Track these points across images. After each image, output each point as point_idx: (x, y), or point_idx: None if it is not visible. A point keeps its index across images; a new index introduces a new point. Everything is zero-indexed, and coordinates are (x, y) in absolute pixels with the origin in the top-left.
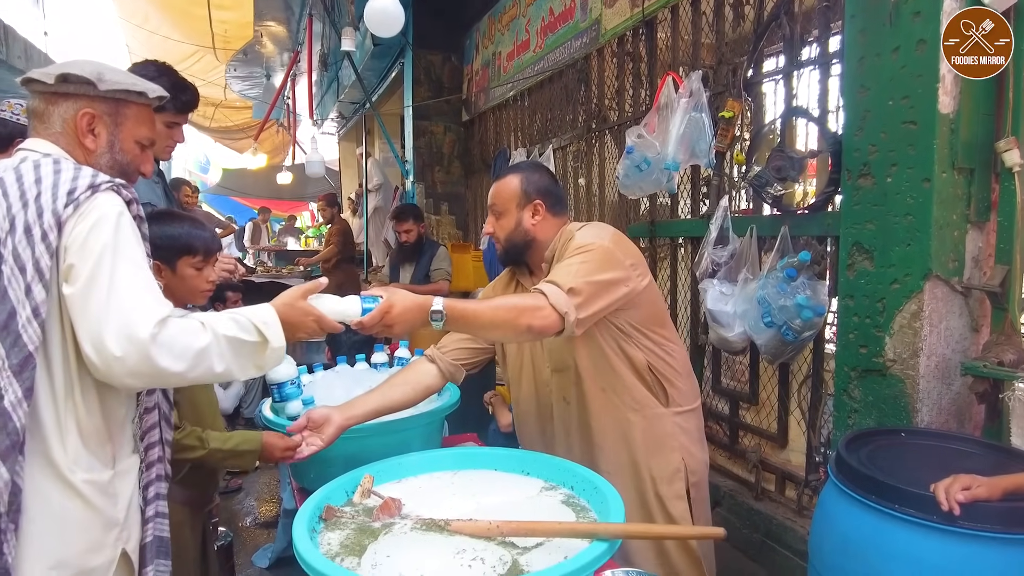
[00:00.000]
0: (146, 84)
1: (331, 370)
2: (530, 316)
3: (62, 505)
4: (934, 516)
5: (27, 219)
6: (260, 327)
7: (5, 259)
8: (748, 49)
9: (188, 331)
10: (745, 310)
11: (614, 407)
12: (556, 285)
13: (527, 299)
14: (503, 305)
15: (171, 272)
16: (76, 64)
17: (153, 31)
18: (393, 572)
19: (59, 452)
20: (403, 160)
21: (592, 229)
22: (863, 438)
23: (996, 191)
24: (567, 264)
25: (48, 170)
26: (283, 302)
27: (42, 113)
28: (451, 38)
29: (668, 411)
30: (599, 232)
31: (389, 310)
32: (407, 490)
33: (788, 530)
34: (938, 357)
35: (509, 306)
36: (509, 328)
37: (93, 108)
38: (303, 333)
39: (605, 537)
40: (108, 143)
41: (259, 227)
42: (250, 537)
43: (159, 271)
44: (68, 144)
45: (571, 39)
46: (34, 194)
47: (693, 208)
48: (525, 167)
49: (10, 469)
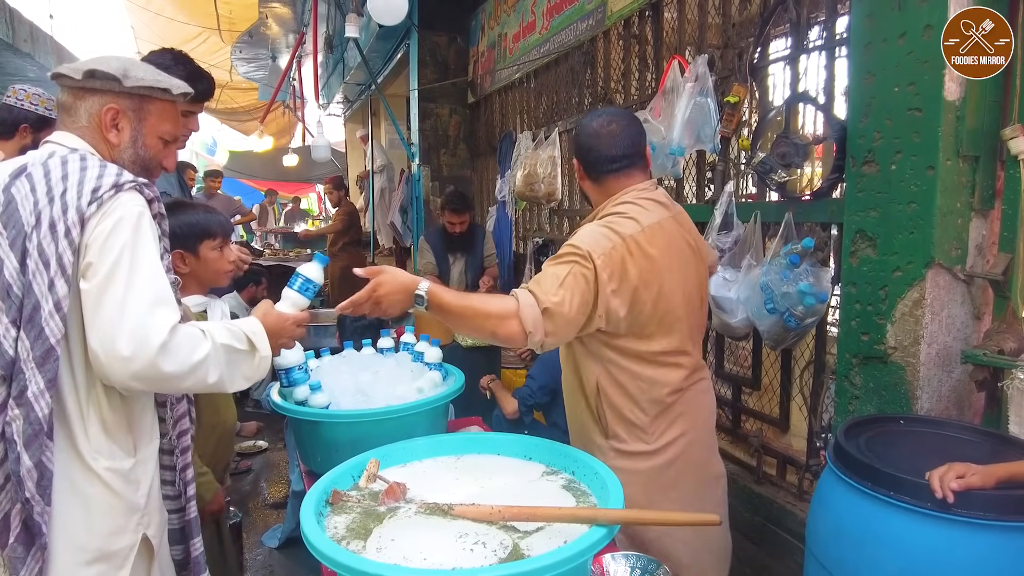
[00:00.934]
0: (171, 81)
1: (338, 355)
2: (496, 324)
3: (86, 491)
4: (928, 503)
5: (52, 215)
6: (250, 336)
7: (30, 253)
8: (754, 32)
9: (192, 339)
10: (748, 296)
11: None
12: (534, 297)
13: (502, 305)
14: (476, 306)
15: (195, 258)
16: (103, 60)
17: (158, 12)
18: (397, 555)
19: (83, 441)
20: (409, 143)
21: (593, 235)
22: (862, 425)
23: (1001, 179)
24: (552, 271)
25: (75, 167)
26: (263, 311)
27: (70, 107)
28: (457, 19)
29: (607, 443)
30: (597, 240)
31: (376, 289)
32: (412, 474)
33: (789, 514)
34: (939, 345)
35: (481, 308)
36: (475, 330)
37: (118, 103)
38: (285, 338)
39: (604, 523)
40: (131, 138)
41: (266, 209)
42: (260, 517)
43: (183, 259)
44: (93, 138)
45: (577, 20)
46: (60, 191)
47: (698, 193)
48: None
49: (34, 456)
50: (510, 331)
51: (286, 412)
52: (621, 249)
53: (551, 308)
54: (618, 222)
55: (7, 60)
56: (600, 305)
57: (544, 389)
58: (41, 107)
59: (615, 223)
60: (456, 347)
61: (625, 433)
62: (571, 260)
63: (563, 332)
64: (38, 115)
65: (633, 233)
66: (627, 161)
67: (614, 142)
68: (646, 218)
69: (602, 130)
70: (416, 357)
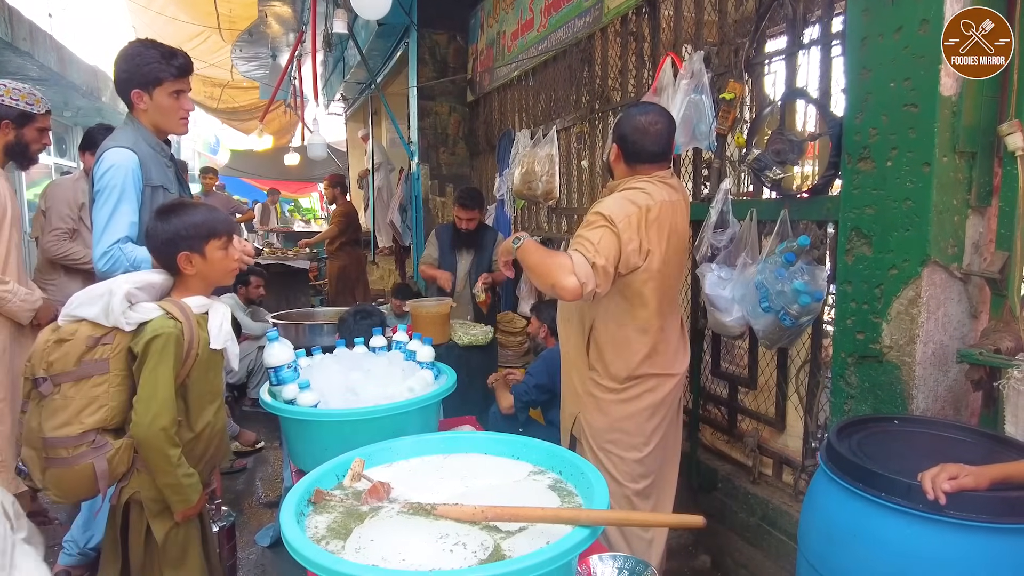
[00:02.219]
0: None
1: (329, 354)
2: (558, 275)
3: None
4: (920, 505)
5: None
6: None
7: None
8: (751, 28)
9: None
10: (743, 295)
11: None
12: (583, 256)
13: (563, 261)
14: (547, 258)
15: (201, 258)
16: None
17: (159, 11)
18: (376, 556)
19: None
20: (408, 141)
21: (617, 202)
22: (855, 425)
23: (998, 176)
24: (588, 235)
25: None
26: None
27: None
28: (456, 17)
29: (588, 373)
30: (621, 206)
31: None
32: (397, 474)
33: (784, 514)
34: (935, 344)
35: (551, 260)
36: (542, 276)
37: None
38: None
39: (587, 523)
40: None
41: (268, 208)
42: (253, 516)
43: (189, 260)
44: None
45: (574, 18)
46: None
47: (694, 191)
48: (633, 112)
49: None
50: (569, 283)
51: (274, 411)
52: (637, 216)
53: (598, 264)
54: (637, 195)
55: (7, 59)
56: (622, 260)
57: (540, 388)
58: (22, 102)
59: (634, 196)
60: (453, 346)
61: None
62: (601, 225)
63: (605, 284)
64: (19, 110)
65: (649, 205)
66: (663, 156)
67: (658, 140)
68: (659, 195)
69: (650, 128)
70: (408, 356)
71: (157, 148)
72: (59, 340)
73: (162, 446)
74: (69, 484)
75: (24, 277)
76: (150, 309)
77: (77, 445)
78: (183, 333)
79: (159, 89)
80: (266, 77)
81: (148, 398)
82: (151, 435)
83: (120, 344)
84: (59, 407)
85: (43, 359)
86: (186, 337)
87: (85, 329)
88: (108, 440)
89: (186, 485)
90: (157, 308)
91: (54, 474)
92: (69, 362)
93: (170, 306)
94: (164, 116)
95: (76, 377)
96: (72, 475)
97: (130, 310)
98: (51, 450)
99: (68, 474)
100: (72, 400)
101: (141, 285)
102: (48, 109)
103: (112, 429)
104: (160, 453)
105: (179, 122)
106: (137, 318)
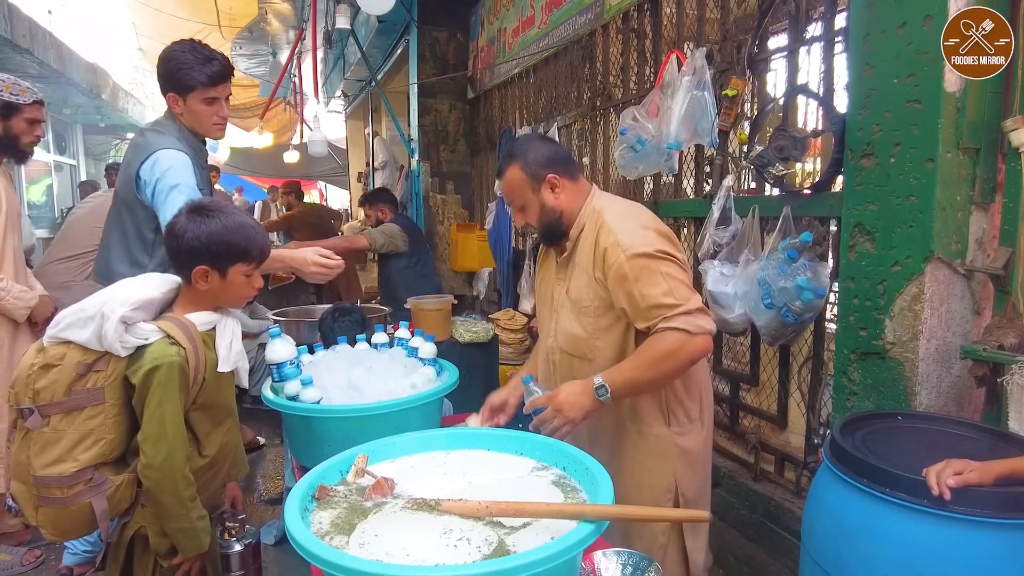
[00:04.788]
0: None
1: (331, 350)
2: (687, 354)
3: None
4: (925, 500)
5: None
6: None
7: None
8: (753, 25)
9: None
10: (746, 291)
11: (611, 410)
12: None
13: (670, 340)
14: (656, 359)
15: (220, 277)
16: None
17: (159, 9)
18: (380, 551)
19: None
20: (408, 139)
21: (647, 233)
22: (859, 421)
23: (1002, 172)
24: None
25: None
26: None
27: None
28: (457, 14)
29: (668, 431)
30: (647, 229)
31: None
32: (400, 469)
33: (786, 511)
34: (938, 340)
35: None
36: (677, 373)
37: None
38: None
39: (592, 519)
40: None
41: (268, 207)
42: (256, 513)
43: (205, 276)
44: None
45: (576, 15)
46: None
47: (696, 188)
48: (517, 151)
49: None
50: (699, 348)
51: (276, 407)
52: (664, 233)
53: (694, 301)
54: (640, 216)
55: (6, 56)
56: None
57: None
58: (6, 92)
59: (640, 217)
60: (454, 343)
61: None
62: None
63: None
64: (3, 101)
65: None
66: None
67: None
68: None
69: (548, 138)
70: (410, 352)
71: (197, 149)
72: (45, 365)
73: (176, 488)
74: (66, 524)
75: (23, 275)
76: (148, 331)
77: (73, 484)
78: (187, 360)
79: (192, 95)
80: (266, 74)
81: (157, 438)
82: (164, 478)
83: (115, 371)
84: (50, 441)
85: (28, 387)
86: (191, 364)
87: (74, 354)
88: (108, 477)
89: (199, 529)
90: (156, 330)
91: (48, 513)
92: (58, 391)
93: (171, 327)
94: (198, 121)
95: (67, 408)
96: (68, 514)
97: (126, 333)
98: (43, 489)
99: (64, 513)
100: (64, 434)
101: (138, 305)
102: (37, 99)
103: (111, 462)
104: (174, 496)
105: (213, 127)
106: (134, 342)
